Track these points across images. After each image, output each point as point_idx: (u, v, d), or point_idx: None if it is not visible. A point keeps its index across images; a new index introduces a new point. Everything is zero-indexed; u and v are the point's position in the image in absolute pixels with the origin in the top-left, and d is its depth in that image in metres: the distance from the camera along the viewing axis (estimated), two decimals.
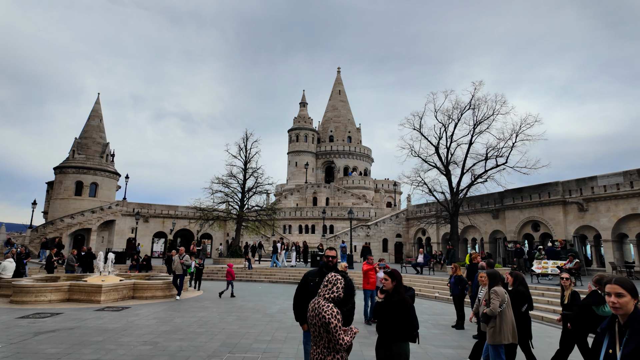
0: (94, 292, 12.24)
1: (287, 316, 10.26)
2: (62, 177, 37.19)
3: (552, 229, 23.26)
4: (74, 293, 12.46)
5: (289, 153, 50.60)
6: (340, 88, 56.09)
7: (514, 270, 6.48)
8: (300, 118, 50.80)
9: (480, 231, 29.03)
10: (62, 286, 12.41)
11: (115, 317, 10.02)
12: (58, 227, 34.53)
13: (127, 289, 13.28)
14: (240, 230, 29.13)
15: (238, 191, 29.49)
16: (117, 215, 37.65)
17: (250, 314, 10.92)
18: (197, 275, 16.71)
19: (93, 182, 37.80)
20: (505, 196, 26.74)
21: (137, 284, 13.55)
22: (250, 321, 9.82)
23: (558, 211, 23.11)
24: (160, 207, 40.81)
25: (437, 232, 33.15)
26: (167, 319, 9.87)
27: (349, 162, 50.70)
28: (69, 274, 16.21)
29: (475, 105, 25.06)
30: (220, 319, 10.04)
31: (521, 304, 5.72)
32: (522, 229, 25.49)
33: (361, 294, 10.50)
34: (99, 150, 39.37)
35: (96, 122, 40.44)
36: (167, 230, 40.56)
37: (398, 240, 36.63)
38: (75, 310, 10.80)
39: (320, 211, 38.81)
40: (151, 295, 13.51)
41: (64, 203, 36.50)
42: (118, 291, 12.88)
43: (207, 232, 41.81)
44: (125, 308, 11.41)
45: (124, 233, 38.29)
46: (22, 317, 9.67)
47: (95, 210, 36.31)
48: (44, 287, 12.09)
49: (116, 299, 12.71)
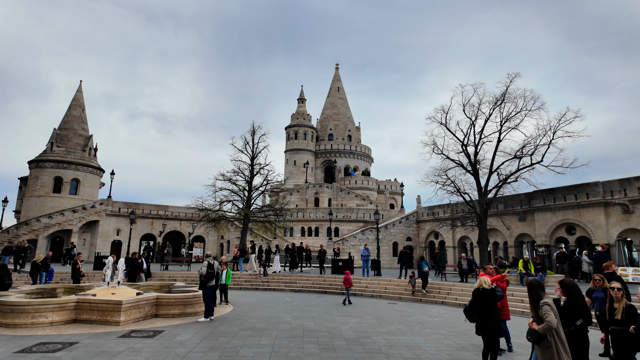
0: (110, 310, 9.41)
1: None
2: (39, 172, 33.22)
3: (591, 232, 21.76)
4: (83, 312, 9.59)
5: (287, 151, 47.91)
6: (339, 85, 53.91)
7: (566, 278, 5.36)
8: (298, 115, 48.24)
9: (504, 235, 27.39)
10: (68, 303, 9.50)
11: (155, 348, 7.32)
12: (33, 228, 30.62)
13: (150, 305, 10.49)
14: (246, 232, 26.33)
15: (244, 189, 26.72)
16: (101, 215, 33.98)
17: (340, 342, 8.42)
18: (223, 286, 13.96)
19: (74, 178, 34.00)
20: (534, 197, 25.18)
21: (161, 299, 10.76)
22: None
23: (598, 213, 21.64)
24: (149, 207, 37.32)
25: (452, 235, 31.38)
26: (229, 350, 7.25)
27: (350, 162, 48.52)
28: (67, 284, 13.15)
29: (509, 98, 23.46)
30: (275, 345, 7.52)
31: (575, 317, 4.91)
32: (555, 232, 23.94)
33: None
34: (80, 143, 35.57)
35: (78, 112, 36.58)
36: (157, 232, 37.13)
37: (408, 244, 34.62)
38: (93, 338, 8.00)
39: (324, 212, 36.42)
40: (179, 312, 10.75)
41: (40, 201, 32.55)
42: (140, 308, 10.08)
43: (200, 235, 38.64)
44: (157, 332, 8.67)
45: (109, 235, 34.64)
46: (23, 352, 6.83)
47: (77, 209, 32.55)
48: (44, 305, 9.17)
49: (137, 319, 9.90)
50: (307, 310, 12.60)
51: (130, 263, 14.72)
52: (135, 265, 14.90)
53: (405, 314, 12.42)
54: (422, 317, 11.86)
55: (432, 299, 15.98)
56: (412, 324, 10.59)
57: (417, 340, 8.51)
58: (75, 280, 14.11)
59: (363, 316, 11.64)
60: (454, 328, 10.11)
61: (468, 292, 15.80)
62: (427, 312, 12.90)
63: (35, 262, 14.69)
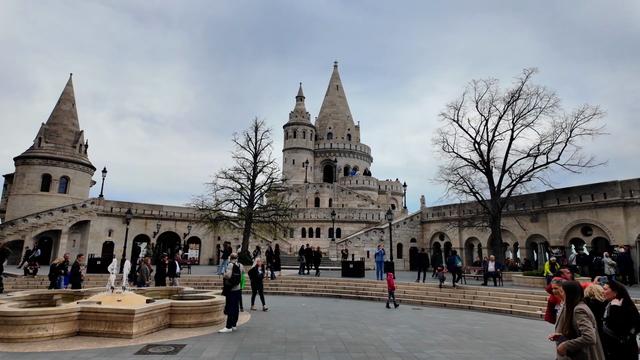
0: (121, 320, 8.16)
1: None
2: (25, 169, 31.42)
3: (609, 233, 21.11)
4: (88, 322, 8.31)
5: (285, 150, 46.67)
6: (337, 83, 52.91)
7: (614, 281, 4.50)
8: (297, 113, 47.06)
9: (515, 236, 26.66)
10: (71, 313, 8.22)
11: None
12: (20, 229, 28.84)
13: (163, 314, 9.25)
14: (249, 233, 25.07)
15: (247, 187, 25.47)
16: (92, 215, 32.30)
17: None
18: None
19: (63, 175, 32.26)
20: (548, 197, 24.49)
21: (176, 307, 9.53)
22: None
23: (617, 213, 21.00)
24: (143, 207, 35.69)
25: (459, 236, 30.56)
26: None
27: (350, 162, 47.52)
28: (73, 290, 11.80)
29: (522, 95, 22.74)
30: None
31: (628, 327, 4.09)
32: (570, 233, 23.26)
33: None
34: (70, 139, 33.83)
35: (68, 107, 34.82)
36: (150, 233, 35.51)
37: (413, 245, 33.77)
38: (105, 355, 6.76)
39: (325, 213, 35.35)
40: (196, 322, 9.52)
41: (27, 200, 30.75)
42: (153, 318, 8.84)
43: (196, 236, 37.18)
44: (179, 347, 7.46)
45: (100, 236, 32.95)
46: None
47: (67, 208, 30.83)
48: (44, 316, 7.88)
49: (151, 330, 8.67)
50: (332, 318, 11.48)
51: (158, 266, 13.49)
52: (162, 267, 13.69)
53: (440, 321, 11.41)
54: (461, 324, 10.86)
55: (457, 304, 15.03)
56: (456, 333, 9.57)
57: (478, 355, 7.47)
58: (75, 285, 12.75)
59: (397, 324, 10.58)
60: (506, 338, 9.13)
61: (496, 297, 14.91)
62: (462, 319, 11.92)
63: (55, 265, 13.48)
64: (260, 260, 11.49)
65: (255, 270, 11.12)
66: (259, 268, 11.13)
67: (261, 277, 11.38)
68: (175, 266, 14.38)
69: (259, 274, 11.08)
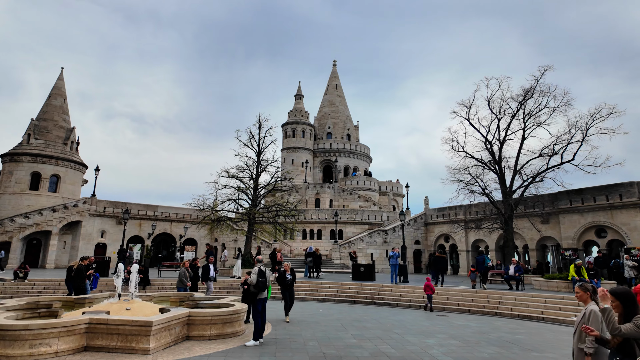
0: (136, 334, 7.11)
1: None
2: (13, 166, 29.85)
3: (625, 235, 20.61)
4: (97, 336, 7.25)
5: (284, 149, 45.62)
6: (336, 82, 52.06)
7: (618, 286, 4.15)
8: (296, 111, 46.06)
9: (525, 237, 26.08)
10: (77, 325, 7.14)
11: None
12: (7, 229, 27.30)
13: (181, 324, 8.22)
14: (252, 234, 24.02)
15: (250, 187, 24.43)
16: (84, 216, 30.86)
17: None
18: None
19: (54, 173, 30.75)
20: (559, 198, 23.96)
21: (195, 316, 8.49)
22: None
23: (634, 215, 20.51)
24: (137, 207, 34.32)
25: (465, 238, 29.91)
26: None
27: (350, 162, 46.68)
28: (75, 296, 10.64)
29: (537, 94, 22.17)
30: None
31: None
32: (583, 235, 22.72)
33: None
34: (61, 135, 32.32)
35: (59, 102, 33.30)
36: (145, 234, 34.18)
37: (417, 248, 33.04)
38: None
39: (326, 214, 34.42)
40: (217, 333, 8.50)
41: (14, 199, 29.19)
42: (170, 330, 7.80)
43: (192, 237, 35.95)
44: None
45: (92, 237, 31.52)
46: None
47: (57, 208, 29.36)
48: (47, 329, 6.78)
49: (169, 343, 7.63)
50: (360, 327, 10.54)
51: (192, 269, 12.44)
52: (195, 270, 12.65)
53: (475, 329, 10.58)
54: (500, 333, 10.04)
55: (481, 309, 14.24)
56: (504, 344, 8.73)
57: None
58: (79, 291, 11.58)
59: (434, 334, 9.70)
60: (561, 350, 8.31)
61: (523, 302, 14.16)
62: (496, 327, 11.11)
63: (81, 267, 12.27)
64: (288, 264, 10.38)
65: (284, 275, 10.03)
66: (288, 273, 10.02)
67: (291, 283, 10.29)
68: (209, 269, 13.26)
69: (287, 279, 10.01)
